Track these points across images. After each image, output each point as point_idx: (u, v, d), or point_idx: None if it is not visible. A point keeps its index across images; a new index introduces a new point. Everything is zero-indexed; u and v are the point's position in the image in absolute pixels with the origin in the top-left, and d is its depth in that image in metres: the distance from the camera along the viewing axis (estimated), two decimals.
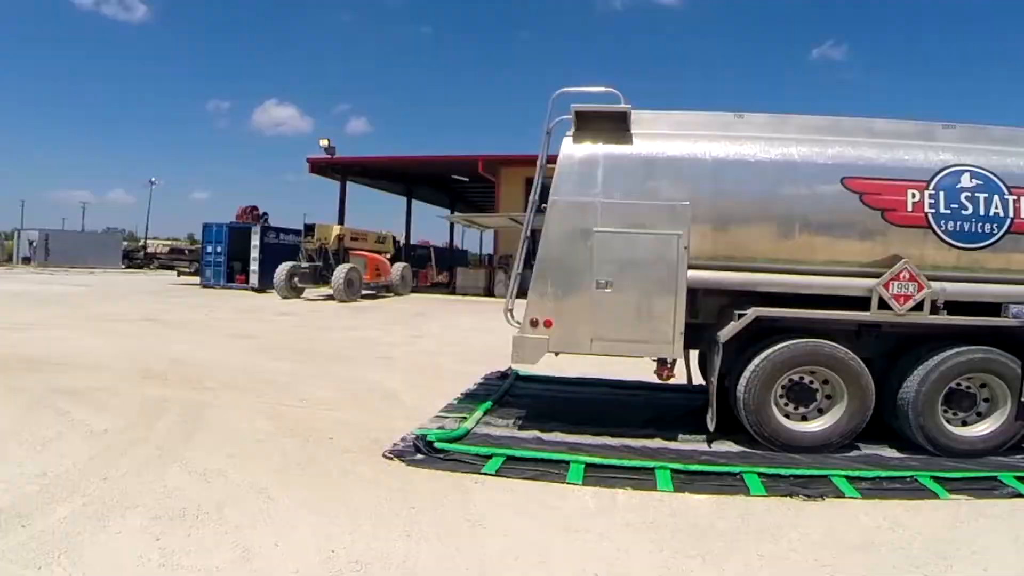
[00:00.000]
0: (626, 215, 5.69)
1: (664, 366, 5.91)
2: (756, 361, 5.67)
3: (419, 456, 5.23)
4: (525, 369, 8.21)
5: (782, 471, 5.08)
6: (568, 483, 4.87)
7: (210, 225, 28.21)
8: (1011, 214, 5.59)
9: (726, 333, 5.65)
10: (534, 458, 5.25)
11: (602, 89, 5.90)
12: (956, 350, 5.62)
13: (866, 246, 5.61)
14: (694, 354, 6.86)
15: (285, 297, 22.00)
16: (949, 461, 5.51)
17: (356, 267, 22.94)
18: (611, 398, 7.56)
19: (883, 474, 5.10)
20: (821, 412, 5.78)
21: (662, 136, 5.93)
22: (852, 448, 5.77)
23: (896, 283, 5.55)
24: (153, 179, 61.50)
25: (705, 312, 6.13)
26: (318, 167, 33.70)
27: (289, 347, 11.20)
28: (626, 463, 5.18)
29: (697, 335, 6.05)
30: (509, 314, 5.95)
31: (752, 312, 5.61)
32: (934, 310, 5.61)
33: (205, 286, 27.31)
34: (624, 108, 5.73)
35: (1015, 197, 5.60)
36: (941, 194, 5.58)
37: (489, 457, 5.23)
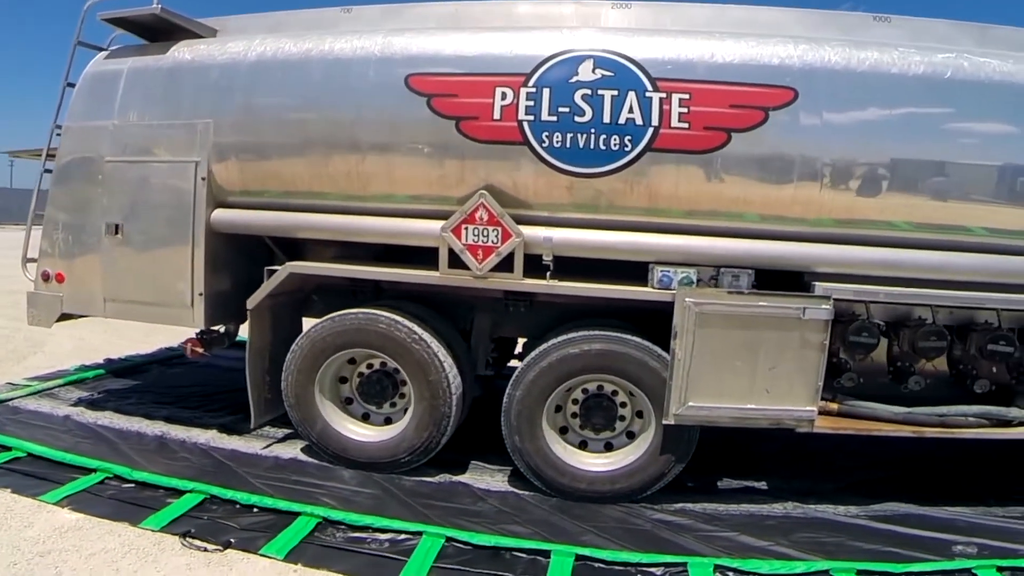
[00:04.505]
0: (141, 140, 4.26)
1: (196, 339, 4.40)
2: (298, 339, 4.04)
3: None
4: None
5: (246, 498, 3.52)
6: None
7: None
8: (654, 121, 3.53)
9: (254, 298, 4.06)
10: None
11: None
12: (564, 338, 3.70)
13: (435, 172, 3.77)
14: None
15: None
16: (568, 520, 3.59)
17: None
18: None
19: (398, 526, 3.35)
20: (407, 413, 4.03)
21: (216, 42, 4.42)
22: (431, 468, 3.97)
23: (470, 227, 3.70)
24: None
25: None
26: None
27: None
28: (77, 461, 3.91)
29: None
30: (26, 266, 4.71)
31: (286, 268, 4.00)
32: (538, 269, 3.69)
33: None
34: (152, 9, 4.30)
35: (664, 95, 3.53)
36: (545, 92, 3.63)
37: None
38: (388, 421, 4.13)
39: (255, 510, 3.49)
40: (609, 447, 3.86)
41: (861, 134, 3.47)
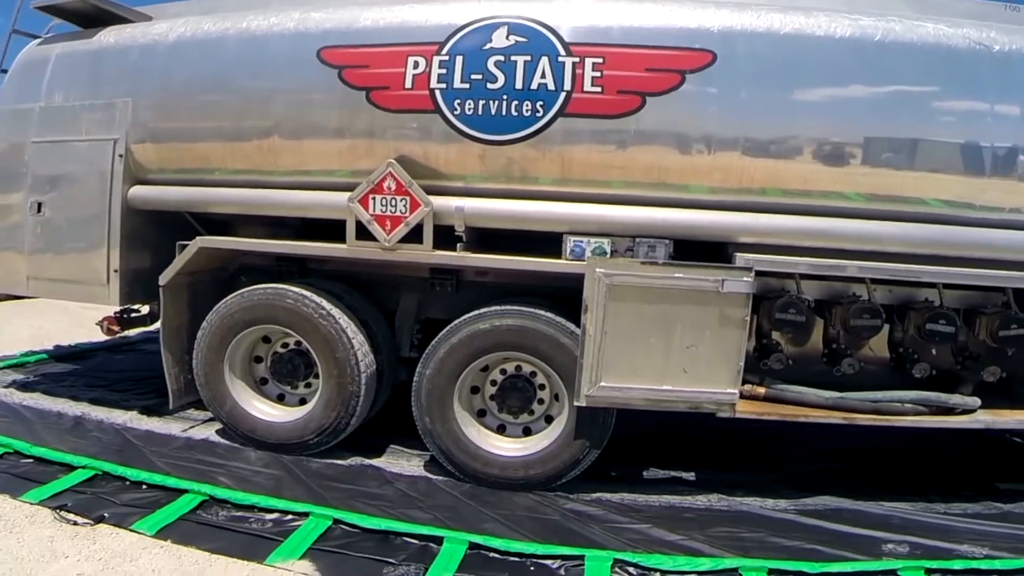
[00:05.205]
0: (64, 120, 4.22)
1: (112, 317, 4.31)
2: (208, 316, 3.91)
3: None
4: None
5: (135, 475, 3.42)
6: None
7: None
8: (566, 86, 3.37)
9: (166, 274, 3.94)
10: None
11: None
12: (475, 313, 3.54)
13: (345, 143, 3.65)
14: None
15: None
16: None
17: None
18: None
19: (284, 506, 3.22)
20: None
21: (141, 26, 4.39)
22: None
23: (378, 197, 3.55)
24: None
25: None
26: None
27: None
28: None
29: None
30: None
31: (196, 243, 3.89)
32: (447, 240, 3.52)
33: None
34: None
35: (577, 59, 3.38)
36: (458, 60, 3.50)
37: None
38: (303, 402, 3.96)
39: (144, 487, 3.35)
40: (528, 432, 3.64)
41: (784, 98, 3.28)
